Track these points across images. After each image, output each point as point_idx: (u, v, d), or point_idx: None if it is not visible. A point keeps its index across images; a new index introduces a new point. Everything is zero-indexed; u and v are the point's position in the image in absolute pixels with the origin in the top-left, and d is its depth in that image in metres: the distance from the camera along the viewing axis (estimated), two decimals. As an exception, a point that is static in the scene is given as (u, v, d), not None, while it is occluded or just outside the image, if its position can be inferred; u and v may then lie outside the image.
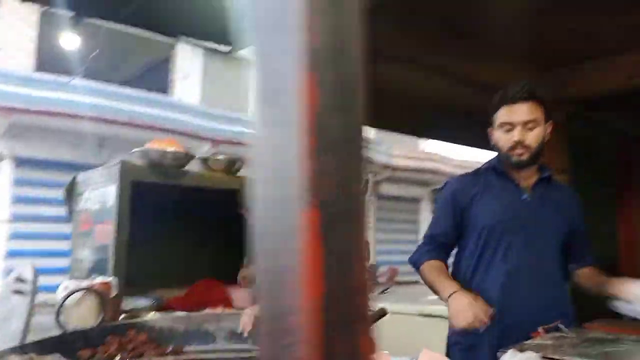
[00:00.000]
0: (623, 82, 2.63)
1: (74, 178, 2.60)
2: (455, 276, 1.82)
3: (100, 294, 1.79)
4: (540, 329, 1.51)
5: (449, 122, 3.62)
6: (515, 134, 1.71)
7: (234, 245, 2.30)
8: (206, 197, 2.69)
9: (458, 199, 1.83)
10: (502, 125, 1.75)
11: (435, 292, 1.74)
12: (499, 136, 1.77)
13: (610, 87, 2.84)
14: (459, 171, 16.16)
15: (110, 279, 1.96)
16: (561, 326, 1.54)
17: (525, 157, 1.73)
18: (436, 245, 1.85)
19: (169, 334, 1.85)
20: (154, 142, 2.47)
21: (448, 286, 1.67)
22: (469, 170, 1.98)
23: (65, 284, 1.85)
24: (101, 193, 2.34)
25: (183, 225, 2.92)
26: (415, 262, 1.86)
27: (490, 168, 1.86)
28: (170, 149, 2.44)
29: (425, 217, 16.50)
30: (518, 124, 1.71)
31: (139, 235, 2.35)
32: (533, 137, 1.72)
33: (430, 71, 2.99)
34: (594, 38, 2.57)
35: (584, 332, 1.56)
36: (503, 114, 1.74)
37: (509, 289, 1.69)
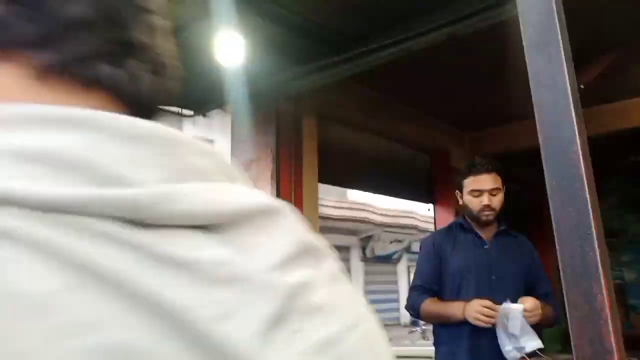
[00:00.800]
0: (532, 142, 3.11)
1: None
2: None
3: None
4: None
5: (378, 175, 4.04)
6: (485, 199, 2.13)
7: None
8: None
9: (437, 251, 2.22)
10: (472, 192, 2.16)
11: (446, 317, 2.08)
12: (470, 200, 2.18)
13: (521, 145, 3.32)
14: (387, 220, 16.63)
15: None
16: (540, 354, 1.81)
17: (491, 217, 2.16)
18: (425, 290, 2.19)
19: None
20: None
21: (456, 305, 2.03)
22: (440, 228, 2.61)
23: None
24: None
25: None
26: (413, 305, 2.19)
27: (458, 225, 2.28)
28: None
29: (355, 265, 16.83)
30: (485, 191, 2.12)
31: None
32: (497, 201, 2.15)
33: (369, 131, 3.33)
34: (505, 106, 3.05)
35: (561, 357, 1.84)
36: (472, 183, 2.15)
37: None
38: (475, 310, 1.93)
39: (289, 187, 3.11)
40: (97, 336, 0.22)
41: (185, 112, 2.94)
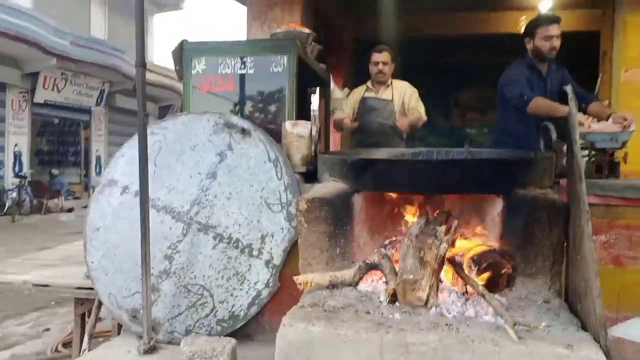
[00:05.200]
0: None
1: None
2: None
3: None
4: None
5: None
6: (555, 43, 3.02)
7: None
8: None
9: (527, 76, 3.06)
10: (545, 37, 3.02)
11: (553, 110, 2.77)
12: (542, 44, 3.02)
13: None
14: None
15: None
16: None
17: (555, 53, 3.06)
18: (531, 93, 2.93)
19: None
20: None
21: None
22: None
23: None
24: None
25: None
26: (529, 98, 2.86)
27: (528, 64, 3.12)
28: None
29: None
30: (554, 36, 3.03)
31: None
32: (559, 43, 3.04)
33: None
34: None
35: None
36: (544, 30, 3.03)
37: None
38: None
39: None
40: None
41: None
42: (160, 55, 17.02)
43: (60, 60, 12.22)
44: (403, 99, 3.84)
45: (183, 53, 2.86)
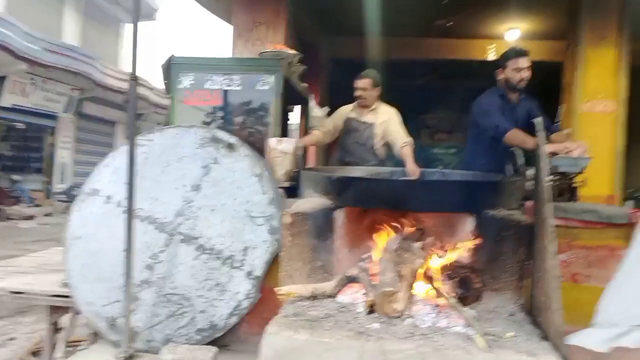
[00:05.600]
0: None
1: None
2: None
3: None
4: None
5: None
6: (524, 74, 3.25)
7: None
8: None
9: (499, 105, 3.29)
10: (515, 69, 3.25)
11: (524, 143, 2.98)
12: (512, 75, 3.25)
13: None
14: (161, 100, 16.58)
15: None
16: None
17: (524, 84, 3.28)
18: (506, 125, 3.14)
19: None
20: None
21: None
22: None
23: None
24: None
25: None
26: (506, 128, 3.07)
27: (499, 93, 3.35)
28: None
29: (120, 142, 16.49)
30: (524, 68, 3.25)
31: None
32: (528, 74, 3.28)
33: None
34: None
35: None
36: (514, 62, 3.27)
37: None
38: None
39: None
40: None
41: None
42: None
43: (31, 64, 11.96)
44: (385, 125, 3.96)
45: (171, 68, 2.94)
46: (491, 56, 7.70)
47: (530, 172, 2.90)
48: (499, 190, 2.29)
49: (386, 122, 3.90)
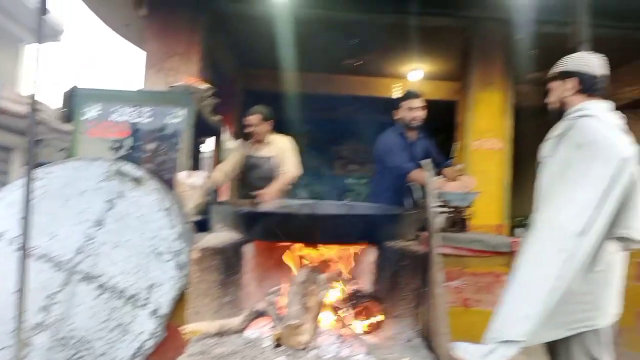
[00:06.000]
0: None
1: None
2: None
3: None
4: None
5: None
6: (416, 114, 3.54)
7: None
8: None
9: (400, 143, 3.53)
10: (409, 109, 3.53)
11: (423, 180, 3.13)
12: (407, 114, 3.53)
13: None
14: (63, 126, 15.59)
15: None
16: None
17: (418, 123, 3.55)
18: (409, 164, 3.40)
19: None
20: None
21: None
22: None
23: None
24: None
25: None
26: (408, 168, 3.30)
27: (399, 132, 3.59)
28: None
29: (17, 170, 15.14)
30: (417, 108, 3.54)
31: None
32: (422, 114, 3.57)
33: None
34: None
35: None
36: (408, 103, 3.55)
37: None
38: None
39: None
40: None
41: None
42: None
43: None
44: (280, 156, 4.06)
45: (74, 98, 2.84)
46: (396, 94, 8.25)
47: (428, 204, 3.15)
48: (398, 223, 2.47)
49: (281, 152, 4.00)
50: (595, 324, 1.92)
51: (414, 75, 7.94)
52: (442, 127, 7.15)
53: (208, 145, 4.16)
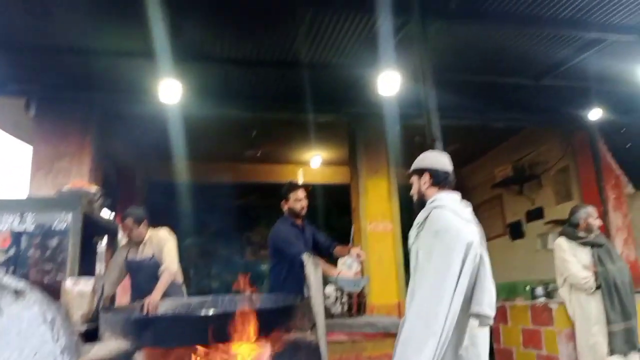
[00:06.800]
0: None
1: None
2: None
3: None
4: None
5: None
6: (304, 203, 3.78)
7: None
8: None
9: (293, 232, 3.69)
10: (296, 200, 3.77)
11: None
12: (294, 205, 3.76)
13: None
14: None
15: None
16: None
17: (305, 211, 3.79)
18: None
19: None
20: None
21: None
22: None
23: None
24: None
25: None
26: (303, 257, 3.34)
27: (290, 222, 3.78)
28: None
29: None
30: (302, 198, 3.79)
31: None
32: (306, 203, 3.81)
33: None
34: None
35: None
36: (295, 194, 3.80)
37: None
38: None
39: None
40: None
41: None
42: None
43: None
44: (161, 252, 3.96)
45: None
46: (300, 179, 8.65)
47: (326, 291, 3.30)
48: (291, 314, 2.56)
49: (161, 249, 3.90)
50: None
51: (315, 162, 8.40)
52: (343, 209, 7.55)
53: (102, 246, 4.04)
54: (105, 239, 4.09)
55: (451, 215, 2.17)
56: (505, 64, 4.81)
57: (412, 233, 2.27)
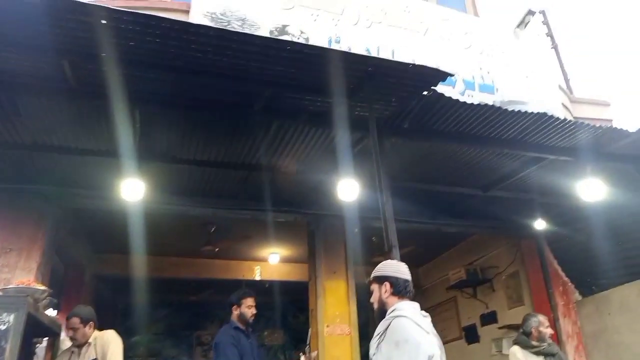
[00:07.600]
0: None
1: None
2: None
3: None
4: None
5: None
6: (254, 311, 3.87)
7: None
8: None
9: (238, 339, 3.71)
10: (248, 306, 3.86)
11: None
12: (246, 310, 3.86)
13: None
14: None
15: None
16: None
17: (254, 318, 3.88)
18: None
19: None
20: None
21: None
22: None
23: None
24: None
25: None
26: None
27: (236, 327, 3.85)
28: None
29: None
30: (253, 305, 3.87)
31: None
32: (255, 310, 3.92)
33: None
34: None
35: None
36: (248, 301, 3.89)
37: None
38: None
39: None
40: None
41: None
42: None
43: None
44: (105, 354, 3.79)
45: None
46: (257, 276, 8.49)
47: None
48: None
49: (105, 352, 3.73)
50: None
51: (273, 258, 8.33)
52: (301, 307, 7.32)
53: (41, 347, 3.77)
54: (45, 341, 3.84)
55: (412, 326, 2.20)
56: (455, 175, 5.16)
57: (373, 343, 2.28)
